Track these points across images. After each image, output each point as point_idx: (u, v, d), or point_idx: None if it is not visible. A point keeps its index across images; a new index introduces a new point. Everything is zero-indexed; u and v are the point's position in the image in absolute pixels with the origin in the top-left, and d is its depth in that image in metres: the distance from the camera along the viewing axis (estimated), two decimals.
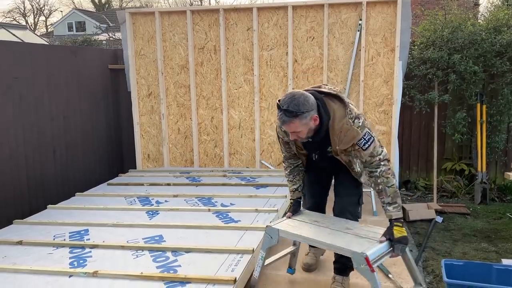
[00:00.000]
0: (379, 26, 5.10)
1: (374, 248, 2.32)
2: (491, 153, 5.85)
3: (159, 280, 2.61)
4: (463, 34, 5.59)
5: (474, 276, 3.15)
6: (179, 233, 3.36)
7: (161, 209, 3.95)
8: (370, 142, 2.52)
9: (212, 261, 2.83)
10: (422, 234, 4.72)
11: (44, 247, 3.19)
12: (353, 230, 2.58)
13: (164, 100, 5.76)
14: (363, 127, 2.53)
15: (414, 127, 6.18)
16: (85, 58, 5.65)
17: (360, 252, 2.25)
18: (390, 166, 2.56)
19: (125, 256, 2.97)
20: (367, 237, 2.49)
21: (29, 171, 4.68)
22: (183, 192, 4.44)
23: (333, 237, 2.51)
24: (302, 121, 2.47)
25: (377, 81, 5.21)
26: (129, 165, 6.21)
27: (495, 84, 5.72)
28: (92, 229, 3.51)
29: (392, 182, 2.55)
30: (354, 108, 2.59)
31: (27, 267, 2.82)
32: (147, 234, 3.34)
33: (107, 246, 3.14)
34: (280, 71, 5.43)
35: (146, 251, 3.03)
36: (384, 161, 2.56)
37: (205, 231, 3.37)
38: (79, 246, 3.17)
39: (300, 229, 2.67)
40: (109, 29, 19.91)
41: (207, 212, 3.83)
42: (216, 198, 4.24)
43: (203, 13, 5.54)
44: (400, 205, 2.56)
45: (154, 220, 3.68)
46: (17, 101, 4.51)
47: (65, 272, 2.75)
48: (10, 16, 33.75)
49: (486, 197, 5.65)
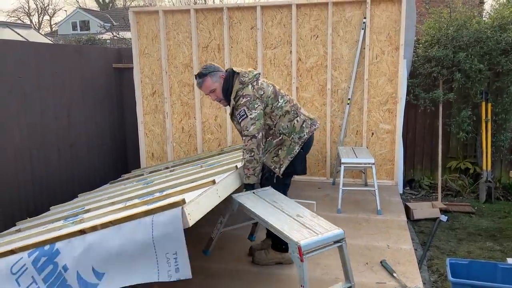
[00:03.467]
0: (384, 24, 5.08)
1: (311, 240, 2.41)
2: (496, 151, 5.82)
3: (142, 205, 2.66)
4: (468, 32, 5.56)
5: (479, 275, 3.14)
6: (171, 182, 3.40)
7: (157, 179, 3.96)
8: (243, 118, 3.09)
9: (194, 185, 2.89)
10: (426, 233, 4.71)
11: (40, 226, 3.23)
12: (303, 219, 2.68)
13: (168, 99, 5.77)
14: (243, 105, 3.10)
15: (418, 126, 6.16)
16: (89, 57, 5.67)
17: (295, 240, 2.37)
18: (248, 143, 3.07)
19: (115, 207, 2.98)
20: (311, 229, 2.56)
21: (34, 170, 4.70)
22: (181, 166, 4.44)
23: (280, 220, 2.66)
24: (212, 78, 3.18)
25: (382, 80, 5.19)
26: (133, 163, 6.23)
27: (500, 82, 5.68)
28: (88, 206, 3.52)
29: (244, 155, 3.11)
30: (249, 92, 3.12)
31: (20, 236, 2.88)
32: (139, 192, 3.36)
33: (99, 206, 3.19)
34: (284, 70, 5.42)
35: (135, 199, 3.05)
36: (247, 136, 3.08)
37: (193, 176, 3.41)
38: (73, 215, 3.21)
39: (256, 206, 2.86)
40: (113, 28, 19.96)
41: (200, 168, 3.85)
42: (210, 161, 4.26)
43: (207, 11, 5.53)
44: (246, 174, 3.13)
45: (148, 185, 3.71)
46: (21, 100, 4.53)
47: (55, 228, 2.79)
48: (14, 15, 33.90)
49: (491, 196, 5.62)
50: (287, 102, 3.27)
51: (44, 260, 2.40)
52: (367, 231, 3.94)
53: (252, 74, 3.22)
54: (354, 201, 4.68)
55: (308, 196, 4.75)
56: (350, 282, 2.59)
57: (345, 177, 4.53)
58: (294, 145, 3.23)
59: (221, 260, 3.46)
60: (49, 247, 2.43)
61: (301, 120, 3.28)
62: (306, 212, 2.84)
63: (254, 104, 3.10)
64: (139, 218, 2.32)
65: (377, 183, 4.36)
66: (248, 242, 3.58)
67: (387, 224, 4.10)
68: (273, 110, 3.20)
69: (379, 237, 3.79)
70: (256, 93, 3.15)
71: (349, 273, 2.59)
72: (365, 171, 5.18)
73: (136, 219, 2.33)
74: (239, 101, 3.12)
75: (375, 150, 5.35)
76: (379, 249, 3.55)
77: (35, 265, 2.41)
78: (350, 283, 2.59)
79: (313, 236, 2.44)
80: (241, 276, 3.22)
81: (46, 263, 2.39)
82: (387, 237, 3.80)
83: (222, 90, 3.22)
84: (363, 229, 3.99)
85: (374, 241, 3.72)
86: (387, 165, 5.34)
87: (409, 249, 3.57)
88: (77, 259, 2.35)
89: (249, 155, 3.08)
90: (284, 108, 3.24)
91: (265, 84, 3.24)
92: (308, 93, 5.40)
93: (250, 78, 3.18)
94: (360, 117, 5.32)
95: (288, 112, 3.24)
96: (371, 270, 3.22)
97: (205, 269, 3.31)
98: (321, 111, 5.38)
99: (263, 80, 3.29)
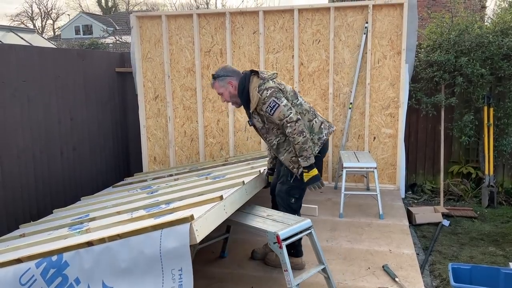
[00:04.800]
0: (386, 29, 5.10)
1: (286, 230, 2.76)
2: (498, 156, 5.81)
3: (149, 217, 2.65)
4: (470, 36, 5.57)
5: (482, 280, 3.13)
6: (176, 194, 3.38)
7: (162, 188, 3.96)
8: (275, 108, 3.05)
9: (201, 200, 2.89)
10: (429, 238, 4.70)
11: (45, 232, 3.23)
12: (273, 217, 3.07)
13: (171, 103, 5.79)
14: (270, 97, 3.06)
15: (420, 130, 6.16)
16: (92, 61, 5.70)
17: (273, 231, 2.70)
18: (296, 127, 3.03)
19: (121, 218, 2.98)
20: (283, 222, 2.91)
21: (37, 172, 4.72)
22: (184, 176, 4.45)
23: (254, 220, 3.02)
24: (219, 83, 3.25)
25: (384, 84, 5.20)
26: (135, 167, 6.24)
27: (502, 87, 5.68)
28: (93, 213, 3.53)
29: (297, 140, 3.04)
30: (272, 85, 3.12)
31: (26, 242, 2.87)
32: (145, 203, 3.36)
33: (104, 215, 3.18)
34: (286, 74, 5.43)
35: (141, 210, 3.04)
36: (290, 123, 3.04)
37: (199, 189, 3.40)
38: (78, 223, 3.20)
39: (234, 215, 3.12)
40: (116, 33, 20.05)
41: (205, 180, 3.85)
42: (215, 172, 4.25)
43: (210, 16, 5.56)
44: (306, 156, 3.06)
45: (153, 194, 3.71)
46: (25, 103, 4.56)
47: (61, 237, 2.78)
48: (18, 19, 34.09)
49: (494, 201, 5.60)
50: (305, 102, 3.30)
51: (53, 272, 2.40)
52: (369, 235, 3.94)
53: (271, 72, 3.27)
54: (356, 206, 4.68)
55: (310, 200, 4.76)
56: (323, 264, 2.88)
57: (347, 181, 4.53)
58: (313, 146, 3.20)
59: (224, 265, 3.47)
60: (56, 258, 2.42)
61: (319, 122, 3.27)
62: (274, 211, 3.20)
63: (279, 94, 3.10)
64: (147, 232, 2.32)
65: (379, 188, 4.37)
66: (250, 247, 3.59)
67: (389, 228, 4.10)
68: (293, 106, 3.16)
69: (381, 242, 3.79)
70: (279, 86, 3.17)
71: (321, 256, 2.89)
72: (367, 176, 5.18)
73: (145, 233, 2.32)
74: (263, 94, 3.08)
75: (377, 154, 5.35)
76: (381, 254, 3.55)
77: (44, 277, 2.41)
78: (323, 265, 2.88)
79: (287, 227, 2.79)
80: (244, 281, 3.22)
81: (54, 275, 2.39)
82: (389, 241, 3.80)
83: (238, 91, 3.23)
84: (365, 233, 3.99)
85: (376, 245, 3.72)
86: (389, 170, 5.34)
87: (411, 253, 3.56)
88: (88, 273, 2.35)
89: (302, 136, 3.03)
90: (303, 106, 3.24)
91: (283, 82, 3.31)
92: (310, 97, 5.41)
93: (269, 75, 3.21)
94: (362, 121, 5.32)
95: (307, 111, 3.24)
96: (373, 275, 3.22)
97: (208, 274, 3.31)
98: (323, 115, 5.37)
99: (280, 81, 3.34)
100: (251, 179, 3.39)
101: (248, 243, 3.76)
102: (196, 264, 3.37)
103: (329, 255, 3.50)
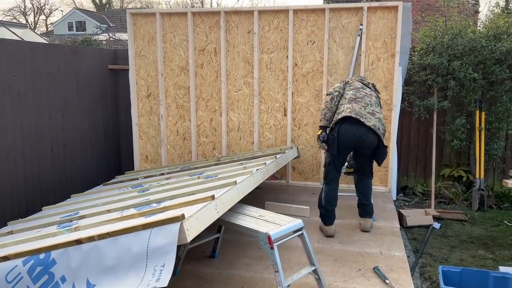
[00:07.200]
0: (380, 31, 5.11)
1: (277, 230, 2.77)
2: (489, 160, 5.86)
3: (140, 216, 2.62)
4: (463, 41, 5.61)
5: (471, 283, 3.15)
6: (168, 193, 3.35)
7: (153, 187, 3.93)
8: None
9: (192, 199, 2.86)
10: (419, 240, 4.72)
11: (33, 230, 3.19)
12: (265, 217, 3.07)
13: (164, 101, 5.75)
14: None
15: (413, 133, 6.19)
16: (84, 58, 5.65)
17: (264, 232, 2.70)
18: (325, 101, 4.10)
19: (111, 216, 2.94)
20: (275, 223, 2.91)
21: (26, 169, 4.66)
22: (176, 174, 4.41)
23: (246, 221, 3.02)
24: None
25: (377, 86, 5.20)
26: (126, 165, 6.19)
27: (494, 91, 5.73)
28: (82, 211, 3.47)
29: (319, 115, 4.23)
30: (350, 81, 4.23)
31: (13, 240, 2.82)
32: (135, 201, 3.32)
33: (94, 213, 3.13)
34: (280, 75, 5.42)
35: (132, 208, 3.01)
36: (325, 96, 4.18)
37: (191, 188, 3.37)
38: (67, 221, 3.15)
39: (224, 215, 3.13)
40: (109, 29, 19.92)
41: (197, 179, 3.82)
42: (207, 172, 4.22)
43: (204, 15, 5.54)
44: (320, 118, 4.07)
45: (144, 193, 3.67)
46: (15, 99, 4.50)
47: (50, 235, 2.73)
48: (10, 14, 33.79)
49: (484, 204, 5.65)
50: (353, 94, 4.07)
51: (40, 269, 2.36)
52: (360, 237, 3.94)
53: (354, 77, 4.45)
54: (348, 207, 4.68)
55: (302, 201, 4.75)
56: (315, 265, 2.88)
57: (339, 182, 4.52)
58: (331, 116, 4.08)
59: (214, 265, 3.45)
60: (44, 256, 2.39)
61: (342, 109, 4.00)
62: (265, 211, 3.19)
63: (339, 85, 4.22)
64: (137, 231, 2.30)
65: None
66: (241, 248, 3.57)
67: (381, 230, 4.11)
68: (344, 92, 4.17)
69: (372, 244, 3.79)
70: (349, 80, 4.32)
71: (312, 257, 2.89)
72: None
73: (134, 231, 2.30)
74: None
75: None
76: (372, 256, 3.55)
77: (30, 274, 2.37)
78: (314, 266, 2.88)
79: (278, 228, 2.80)
80: (234, 281, 3.20)
81: (41, 273, 2.36)
82: (380, 243, 3.80)
83: None
84: (356, 235, 3.99)
85: (367, 247, 3.72)
86: (381, 172, 5.35)
87: (402, 256, 3.57)
88: (74, 271, 2.32)
89: (323, 105, 4.16)
90: (348, 95, 4.08)
91: (351, 81, 4.29)
92: (303, 98, 5.41)
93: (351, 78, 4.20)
94: None
95: (345, 99, 4.06)
96: (363, 277, 3.22)
97: (199, 274, 3.29)
98: (316, 116, 5.38)
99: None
100: (244, 179, 3.39)
101: (239, 243, 3.75)
102: (186, 263, 3.36)
103: (320, 257, 3.49)
